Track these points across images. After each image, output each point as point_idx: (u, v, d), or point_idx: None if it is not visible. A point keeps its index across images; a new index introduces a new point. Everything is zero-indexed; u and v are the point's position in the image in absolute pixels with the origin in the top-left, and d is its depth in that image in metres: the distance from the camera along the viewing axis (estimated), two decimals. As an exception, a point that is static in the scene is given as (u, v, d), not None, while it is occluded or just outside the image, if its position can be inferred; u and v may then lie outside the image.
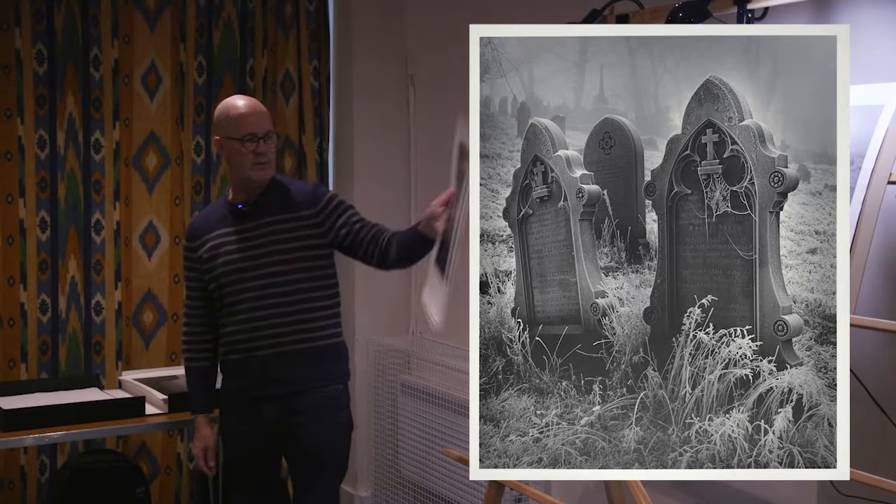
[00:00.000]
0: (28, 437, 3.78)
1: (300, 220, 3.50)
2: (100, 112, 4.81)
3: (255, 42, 5.16)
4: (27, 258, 4.69)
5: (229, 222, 3.56)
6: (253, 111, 3.54)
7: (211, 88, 5.07)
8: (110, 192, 4.85)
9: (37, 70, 4.68)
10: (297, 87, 5.26)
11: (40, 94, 4.69)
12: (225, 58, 5.09)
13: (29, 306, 4.69)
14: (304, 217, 3.51)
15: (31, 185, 4.68)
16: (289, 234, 3.49)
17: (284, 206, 3.53)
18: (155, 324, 5.00)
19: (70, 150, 4.74)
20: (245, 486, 3.64)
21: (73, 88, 4.75)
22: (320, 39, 5.29)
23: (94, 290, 4.84)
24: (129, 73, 4.89)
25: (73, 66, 4.75)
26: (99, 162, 4.82)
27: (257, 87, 5.14)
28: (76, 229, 4.79)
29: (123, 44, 4.86)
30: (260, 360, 3.48)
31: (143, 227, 4.97)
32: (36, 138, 4.68)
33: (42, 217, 4.72)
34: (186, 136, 5.02)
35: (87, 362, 4.83)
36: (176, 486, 5.08)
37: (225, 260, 3.51)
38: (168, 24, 4.96)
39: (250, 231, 3.52)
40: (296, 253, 3.49)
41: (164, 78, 4.96)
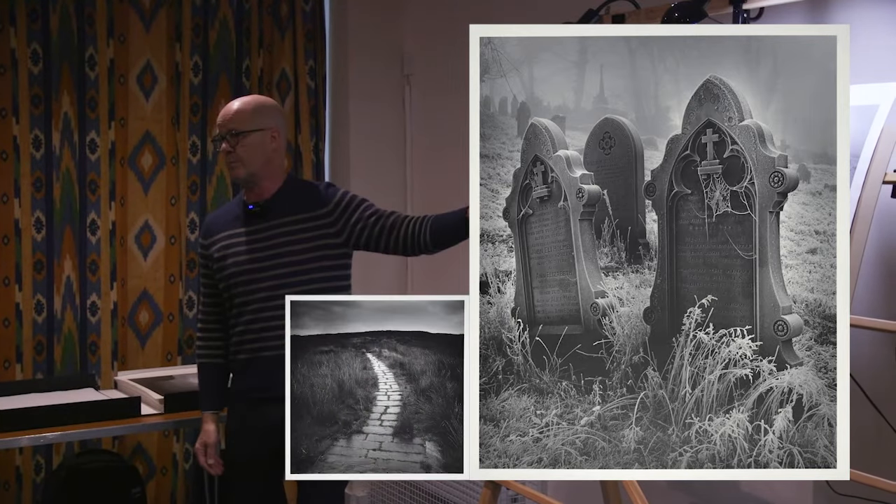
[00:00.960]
0: (23, 437, 3.76)
1: (312, 221, 3.47)
2: (95, 112, 4.81)
3: (251, 42, 5.15)
4: (22, 258, 4.68)
5: (241, 222, 3.54)
6: (223, 112, 3.52)
7: (207, 88, 5.06)
8: (106, 192, 4.84)
9: (32, 70, 4.67)
10: (294, 86, 5.25)
11: (35, 93, 4.68)
12: (221, 58, 5.08)
13: (24, 306, 4.69)
14: (317, 217, 3.48)
15: (27, 184, 4.68)
16: (299, 234, 3.46)
17: (296, 206, 3.50)
18: (150, 324, 5.00)
19: (65, 149, 4.74)
20: (245, 489, 3.61)
21: (69, 88, 4.74)
22: (316, 39, 5.29)
23: (90, 290, 4.83)
24: (125, 73, 4.89)
25: (69, 66, 4.74)
26: (94, 162, 4.82)
27: (253, 86, 5.13)
28: (71, 229, 4.78)
29: (119, 43, 4.86)
30: (266, 361, 3.46)
31: (139, 227, 4.96)
32: (31, 138, 4.68)
33: (37, 217, 4.71)
34: (182, 136, 5.01)
35: (83, 362, 4.83)
36: (172, 486, 5.07)
37: (235, 261, 3.50)
38: (164, 23, 4.96)
39: (261, 232, 3.49)
40: (306, 254, 3.46)
41: (159, 78, 4.96)
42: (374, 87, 5.33)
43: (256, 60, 5.17)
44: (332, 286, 3.48)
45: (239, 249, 3.51)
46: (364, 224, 3.47)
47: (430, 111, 5.24)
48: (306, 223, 3.48)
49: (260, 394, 3.48)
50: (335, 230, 3.48)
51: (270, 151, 3.52)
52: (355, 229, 3.48)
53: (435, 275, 5.06)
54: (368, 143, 5.32)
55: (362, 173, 5.29)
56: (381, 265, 5.26)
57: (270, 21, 5.20)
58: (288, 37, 5.23)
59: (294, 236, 3.47)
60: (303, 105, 5.24)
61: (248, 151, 3.48)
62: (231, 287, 3.52)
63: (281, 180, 3.55)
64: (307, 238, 3.47)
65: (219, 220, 3.62)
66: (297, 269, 3.46)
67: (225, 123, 3.49)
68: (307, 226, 3.48)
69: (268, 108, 3.56)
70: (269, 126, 3.51)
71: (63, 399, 3.99)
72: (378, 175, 5.31)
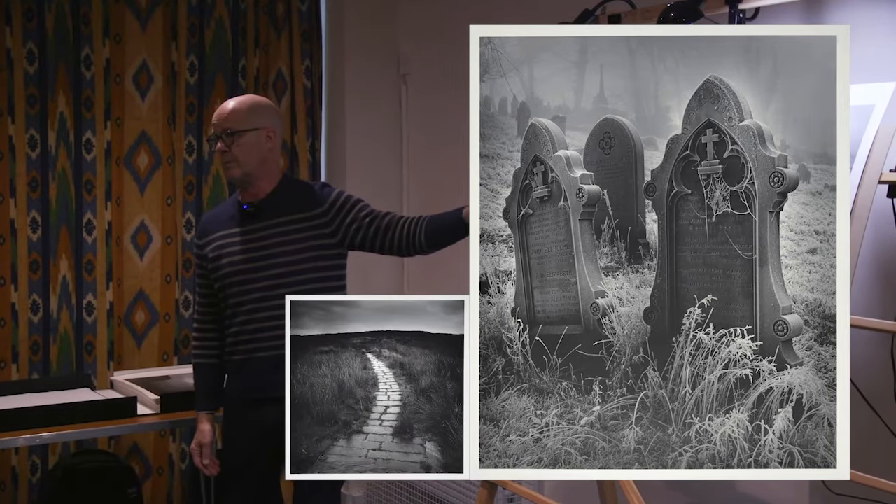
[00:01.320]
0: (19, 437, 3.75)
1: (307, 221, 3.46)
2: (91, 112, 4.80)
3: (248, 42, 5.15)
4: (18, 258, 4.67)
5: (236, 222, 3.53)
6: (219, 111, 3.52)
7: (203, 88, 5.06)
8: (102, 192, 4.83)
9: (28, 69, 4.66)
10: (290, 86, 5.25)
11: (31, 93, 4.67)
12: (217, 57, 5.08)
13: (20, 306, 4.68)
14: (311, 217, 3.47)
15: (22, 184, 4.67)
16: (294, 234, 3.46)
17: (290, 206, 3.49)
18: (147, 324, 4.99)
19: (61, 149, 4.73)
20: (241, 490, 3.61)
21: (65, 88, 4.74)
22: (312, 39, 5.29)
23: (86, 290, 4.83)
24: (121, 73, 4.88)
25: (65, 66, 4.73)
26: (90, 162, 4.81)
27: (249, 86, 5.13)
28: (67, 229, 4.78)
29: (115, 43, 4.85)
30: (261, 362, 3.46)
31: (135, 226, 4.96)
32: (27, 138, 4.67)
33: (33, 217, 4.70)
34: (178, 136, 5.01)
35: (79, 362, 4.82)
36: (168, 486, 5.07)
37: (230, 261, 3.49)
38: (160, 23, 4.95)
39: (255, 232, 3.49)
40: (301, 254, 3.45)
41: (155, 77, 4.95)
42: (371, 87, 5.33)
43: (252, 60, 5.16)
44: (328, 286, 3.48)
45: (234, 249, 3.50)
46: (359, 224, 3.47)
47: (427, 111, 5.24)
48: (301, 223, 3.47)
49: (255, 394, 3.48)
50: (330, 230, 3.47)
51: (266, 151, 3.51)
52: (350, 229, 3.47)
53: (431, 275, 5.06)
54: (365, 142, 5.32)
55: (358, 173, 5.29)
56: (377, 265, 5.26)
57: (266, 21, 5.20)
58: (284, 36, 5.23)
59: (289, 236, 3.47)
60: (299, 105, 5.24)
61: (243, 151, 3.47)
62: (226, 287, 3.51)
63: (276, 180, 3.54)
64: (302, 238, 3.47)
65: (214, 220, 3.61)
66: (292, 270, 3.45)
67: (220, 123, 3.49)
68: (302, 226, 3.47)
69: (263, 108, 3.56)
70: (264, 125, 3.50)
71: (59, 399, 3.98)
72: (374, 174, 5.31)
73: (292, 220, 3.48)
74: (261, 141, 3.50)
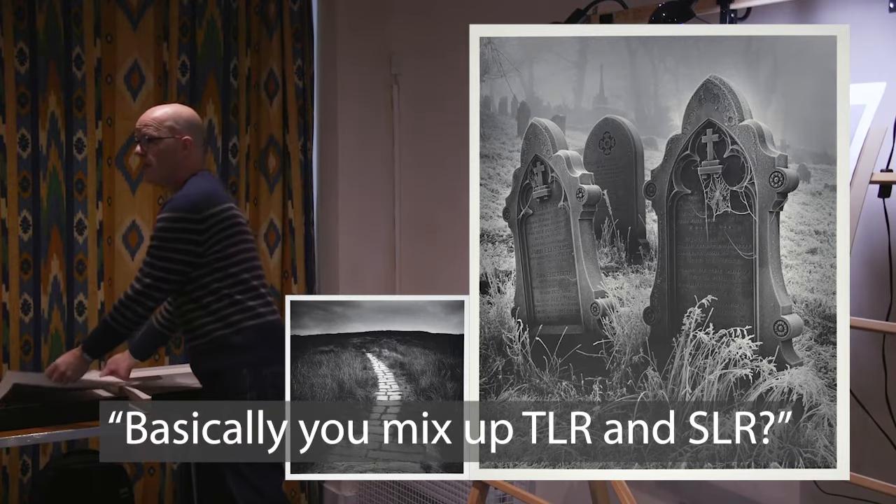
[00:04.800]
0: (10, 437, 3.72)
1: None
2: (82, 111, 4.78)
3: (239, 42, 5.13)
4: (9, 258, 4.65)
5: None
6: (143, 116, 3.73)
7: (194, 88, 5.04)
8: (93, 192, 4.82)
9: (18, 69, 4.64)
10: (281, 86, 5.24)
11: (22, 93, 4.65)
12: (208, 57, 5.06)
13: (11, 306, 4.66)
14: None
15: (13, 184, 4.65)
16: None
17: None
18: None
19: (52, 149, 4.71)
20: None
21: (56, 87, 4.72)
22: (304, 39, 5.27)
23: (77, 289, 4.81)
24: (112, 73, 4.86)
25: (56, 65, 4.71)
26: (81, 161, 4.79)
27: (241, 86, 5.12)
28: (58, 229, 4.76)
29: (106, 43, 4.83)
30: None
31: (126, 226, 4.94)
32: (18, 137, 4.65)
33: (24, 217, 4.68)
34: (170, 136, 4.99)
35: (70, 363, 4.79)
36: (159, 486, 5.05)
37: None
38: (151, 23, 4.93)
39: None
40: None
41: (147, 77, 4.93)
42: (363, 87, 5.32)
43: (244, 60, 5.15)
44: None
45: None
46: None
47: (419, 111, 5.24)
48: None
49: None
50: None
51: (182, 159, 3.68)
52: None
53: (426, 277, 5.06)
54: (357, 142, 5.31)
55: (350, 172, 5.29)
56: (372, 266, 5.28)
57: (258, 21, 5.18)
58: (276, 36, 5.22)
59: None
60: (291, 105, 5.23)
61: (157, 158, 3.67)
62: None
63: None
64: None
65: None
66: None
67: (141, 128, 3.69)
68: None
69: (184, 118, 3.72)
70: (181, 135, 3.68)
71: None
72: (366, 174, 5.31)
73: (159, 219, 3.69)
74: (176, 149, 3.67)
